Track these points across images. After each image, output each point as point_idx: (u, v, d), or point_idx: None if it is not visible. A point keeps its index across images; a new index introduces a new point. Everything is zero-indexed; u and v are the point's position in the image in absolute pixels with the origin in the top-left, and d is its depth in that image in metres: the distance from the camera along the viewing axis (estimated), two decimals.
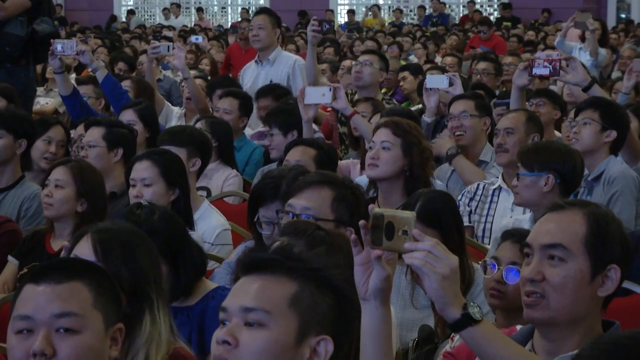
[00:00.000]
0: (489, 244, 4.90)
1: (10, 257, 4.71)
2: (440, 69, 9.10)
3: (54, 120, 6.40)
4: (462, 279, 3.60)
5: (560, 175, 4.58)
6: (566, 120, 6.27)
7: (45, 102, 9.51)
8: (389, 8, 26.44)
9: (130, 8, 26.06)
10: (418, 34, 18.25)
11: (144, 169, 4.59)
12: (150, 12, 27.70)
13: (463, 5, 25.98)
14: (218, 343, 2.22)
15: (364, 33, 19.41)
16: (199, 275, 3.60)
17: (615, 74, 11.12)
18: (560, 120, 6.78)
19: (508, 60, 10.11)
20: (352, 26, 22.15)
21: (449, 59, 11.01)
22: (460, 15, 25.49)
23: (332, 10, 25.03)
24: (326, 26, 7.10)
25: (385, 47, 13.69)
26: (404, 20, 24.42)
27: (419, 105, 8.45)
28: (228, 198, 5.96)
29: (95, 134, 5.43)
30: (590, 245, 2.62)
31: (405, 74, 9.64)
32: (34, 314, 2.36)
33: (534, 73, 5.86)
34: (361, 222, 2.44)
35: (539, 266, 2.64)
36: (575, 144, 5.14)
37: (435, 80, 6.85)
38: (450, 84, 6.75)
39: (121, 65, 10.66)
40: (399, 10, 25.11)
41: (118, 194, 5.19)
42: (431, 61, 12.33)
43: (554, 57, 5.92)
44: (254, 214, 4.15)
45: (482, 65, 8.94)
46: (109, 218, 4.38)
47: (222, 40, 15.37)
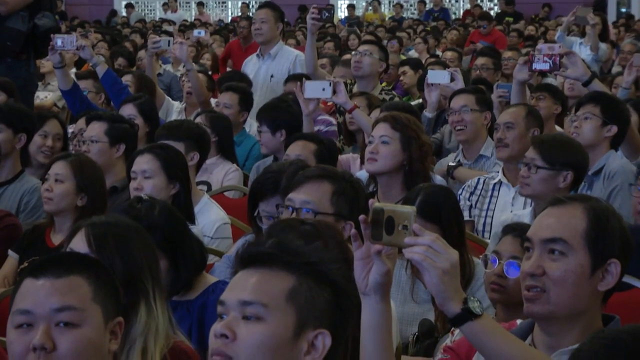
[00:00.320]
0: (489, 239, 4.90)
1: (10, 252, 4.71)
2: (442, 64, 9.08)
3: (49, 114, 6.40)
4: (463, 274, 3.60)
5: (577, 172, 4.56)
6: (570, 115, 6.26)
7: (44, 97, 9.50)
8: (389, 3, 26.39)
9: (129, 2, 26.00)
10: (419, 29, 18.21)
11: (145, 162, 4.60)
12: (150, 7, 27.65)
13: (463, 0, 25.94)
14: (216, 336, 2.22)
15: (364, 27, 19.37)
16: (199, 270, 3.61)
17: (616, 69, 11.11)
18: (560, 114, 6.78)
19: (508, 54, 10.10)
20: (353, 21, 22.10)
21: (449, 54, 10.99)
22: (460, 10, 25.44)
23: (333, 5, 24.97)
24: (326, 14, 7.06)
25: (385, 42, 13.65)
26: (404, 15, 24.39)
27: (419, 100, 8.45)
28: (228, 192, 5.96)
29: (97, 129, 5.42)
30: (590, 240, 2.62)
31: (406, 68, 9.64)
32: (34, 308, 2.36)
33: (533, 68, 5.85)
34: (361, 217, 2.44)
35: (539, 260, 2.64)
36: (575, 138, 5.14)
37: (436, 76, 6.85)
38: (452, 80, 6.75)
39: (121, 60, 10.65)
40: (399, 5, 25.06)
41: (119, 188, 5.19)
42: (434, 55, 12.28)
43: (555, 51, 5.91)
44: (254, 208, 4.16)
45: (481, 60, 8.98)
46: (109, 212, 4.38)
47: (223, 35, 15.33)
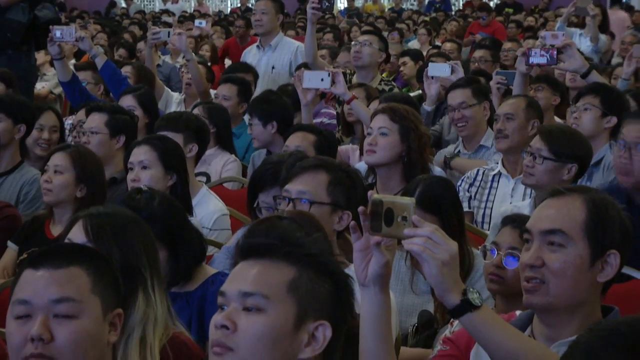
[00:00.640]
0: (489, 230, 4.89)
1: (9, 243, 4.71)
2: (444, 56, 9.06)
3: (44, 107, 6.40)
4: (462, 265, 3.60)
5: (581, 165, 4.54)
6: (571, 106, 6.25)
7: (40, 87, 9.51)
8: None
9: None
10: (420, 20, 18.17)
11: (142, 153, 4.59)
12: None
13: None
14: (216, 327, 2.21)
15: (364, 18, 19.34)
16: (199, 261, 3.61)
17: (615, 60, 11.09)
18: (559, 105, 6.78)
19: (508, 45, 10.10)
20: (352, 12, 22.06)
21: (448, 45, 10.99)
22: (461, 1, 25.38)
23: None
24: (326, 3, 7.03)
25: (386, 34, 13.62)
26: (403, 6, 24.34)
27: (418, 91, 8.44)
28: (227, 183, 5.96)
29: (97, 121, 5.42)
30: (589, 231, 2.62)
31: (406, 59, 9.62)
32: (32, 299, 2.36)
33: (530, 62, 5.84)
34: (360, 208, 2.44)
35: (538, 252, 2.64)
36: (575, 129, 5.13)
37: (437, 69, 6.82)
38: (452, 72, 6.73)
39: (121, 51, 10.64)
40: None
41: (119, 179, 5.19)
42: (435, 47, 12.24)
43: (559, 39, 5.89)
44: (253, 199, 4.16)
45: (479, 53, 9.00)
46: (108, 203, 4.38)
47: (223, 27, 15.27)
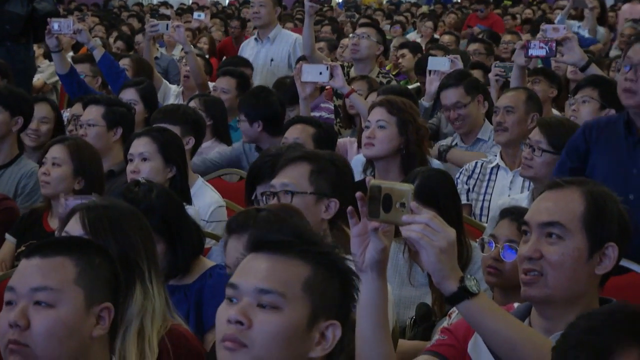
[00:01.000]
0: (487, 222, 4.90)
1: (8, 235, 4.72)
2: (444, 49, 9.03)
3: (36, 99, 6.38)
4: (460, 257, 3.58)
5: None
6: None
7: (35, 79, 9.49)
8: None
9: None
10: (418, 12, 18.15)
11: (142, 145, 4.60)
12: None
13: None
14: (230, 322, 2.17)
15: (362, 11, 19.32)
16: (197, 253, 3.61)
17: (613, 52, 11.09)
18: (558, 97, 6.78)
19: (507, 38, 10.11)
20: (350, 4, 22.04)
21: (446, 38, 10.97)
22: None
23: None
24: None
25: (388, 27, 13.63)
26: None
27: (416, 84, 8.43)
28: (225, 176, 5.95)
29: (94, 113, 5.40)
30: (588, 224, 2.62)
31: (404, 51, 9.60)
32: (17, 286, 2.41)
33: (529, 54, 5.84)
34: (358, 194, 2.43)
35: (536, 244, 2.64)
36: (574, 121, 5.12)
37: (436, 63, 6.79)
38: (452, 66, 6.71)
39: (119, 44, 10.63)
40: None
41: (116, 172, 5.19)
42: (433, 40, 12.21)
43: (560, 32, 5.87)
44: (251, 191, 4.15)
45: (473, 46, 9.00)
46: (106, 196, 4.38)
47: (222, 19, 15.25)
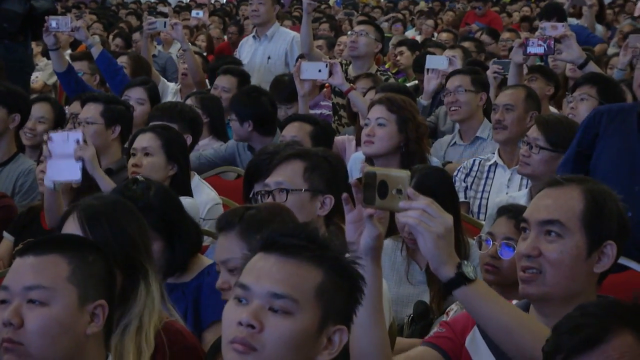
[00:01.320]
0: (484, 220, 4.89)
1: (5, 233, 4.72)
2: (442, 47, 9.04)
3: (41, 98, 6.38)
4: (458, 255, 3.59)
5: None
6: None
7: (34, 77, 9.48)
8: None
9: None
10: (415, 10, 18.15)
11: (146, 140, 4.61)
12: None
13: None
14: (242, 324, 2.14)
15: (360, 8, 19.31)
16: (195, 251, 3.61)
17: (612, 50, 11.09)
18: (554, 95, 6.78)
19: (506, 36, 10.11)
20: (348, 2, 22.02)
21: (444, 35, 10.97)
22: None
23: None
24: None
25: (389, 25, 13.62)
26: None
27: (414, 82, 8.43)
28: (222, 173, 5.94)
29: (92, 111, 5.39)
30: (587, 222, 2.62)
31: (403, 48, 9.60)
32: (10, 285, 2.41)
33: (528, 52, 5.85)
34: (352, 181, 2.43)
35: (535, 242, 2.64)
36: (572, 119, 5.12)
37: (434, 61, 6.80)
38: (450, 65, 6.72)
39: (118, 41, 10.62)
40: None
41: (114, 170, 5.18)
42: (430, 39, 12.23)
43: (559, 30, 5.87)
44: (249, 189, 4.15)
45: (465, 44, 8.97)
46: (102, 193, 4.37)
47: (220, 17, 15.23)
